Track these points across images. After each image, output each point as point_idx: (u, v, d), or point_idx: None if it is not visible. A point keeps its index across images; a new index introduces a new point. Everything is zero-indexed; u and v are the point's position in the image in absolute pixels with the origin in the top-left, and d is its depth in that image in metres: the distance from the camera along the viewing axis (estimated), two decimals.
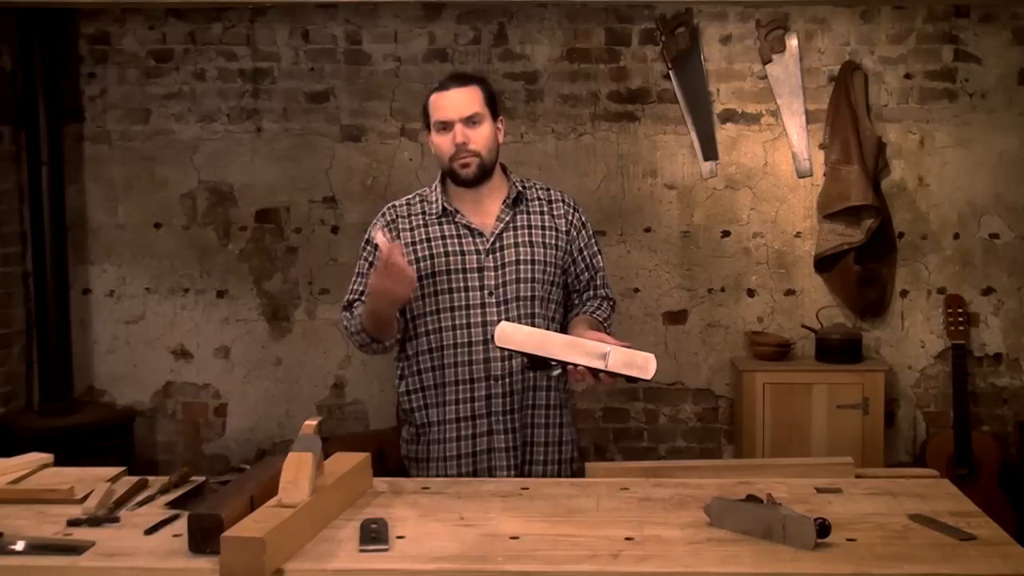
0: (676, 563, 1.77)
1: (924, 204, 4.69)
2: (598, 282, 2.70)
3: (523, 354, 2.30)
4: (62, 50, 4.75)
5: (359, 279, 2.63)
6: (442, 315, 2.53)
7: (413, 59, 4.75)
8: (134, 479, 2.27)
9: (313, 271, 4.84)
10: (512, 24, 4.73)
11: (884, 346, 4.72)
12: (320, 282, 4.84)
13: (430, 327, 2.55)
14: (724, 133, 4.71)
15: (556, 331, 2.54)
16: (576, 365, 2.24)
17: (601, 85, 4.72)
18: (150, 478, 2.30)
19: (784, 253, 4.74)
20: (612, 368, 2.22)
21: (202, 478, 2.29)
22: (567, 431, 2.65)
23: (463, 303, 2.52)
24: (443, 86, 2.56)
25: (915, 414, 4.75)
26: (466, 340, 2.52)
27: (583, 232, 2.68)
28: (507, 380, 2.52)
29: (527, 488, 2.24)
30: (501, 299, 2.52)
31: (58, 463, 2.42)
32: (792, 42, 4.65)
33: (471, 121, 2.52)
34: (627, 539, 1.88)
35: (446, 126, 2.53)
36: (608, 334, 2.49)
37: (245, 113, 4.80)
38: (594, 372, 2.25)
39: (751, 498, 2.02)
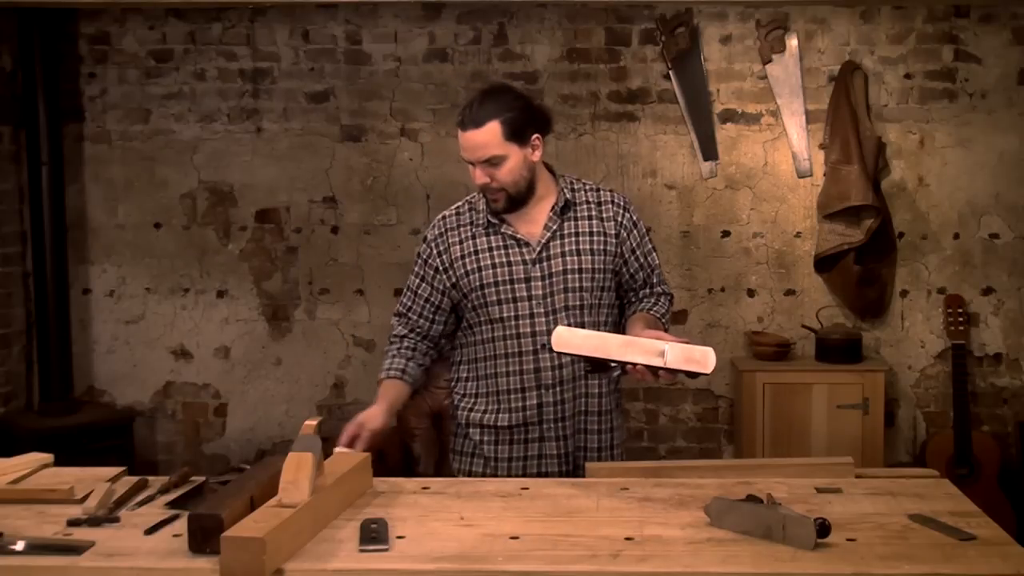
0: (676, 563, 1.77)
1: (924, 204, 4.69)
2: (654, 280, 2.67)
3: (582, 357, 2.29)
4: (62, 50, 4.75)
5: (408, 293, 2.64)
6: (493, 326, 2.54)
7: (413, 59, 4.75)
8: (134, 479, 2.27)
9: (313, 271, 4.84)
10: (512, 24, 4.73)
11: (884, 346, 4.72)
12: (320, 282, 4.84)
13: (483, 336, 2.56)
14: (724, 133, 4.71)
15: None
16: (635, 365, 2.23)
17: (601, 85, 4.72)
18: (150, 478, 2.30)
19: (784, 253, 4.74)
20: (671, 365, 2.20)
21: (202, 478, 2.29)
22: (618, 435, 2.66)
23: (512, 314, 2.52)
24: (462, 123, 2.46)
25: (915, 414, 4.75)
26: (516, 351, 2.53)
27: (634, 231, 2.63)
28: (558, 388, 2.53)
29: (527, 488, 2.24)
30: (549, 309, 2.51)
31: (58, 463, 2.42)
32: (792, 42, 4.65)
33: (490, 163, 2.45)
34: (627, 539, 1.88)
35: (469, 162, 2.49)
36: (664, 330, 2.51)
37: (245, 113, 4.81)
38: (653, 370, 2.24)
39: (751, 498, 2.02)
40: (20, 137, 4.72)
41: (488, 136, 2.43)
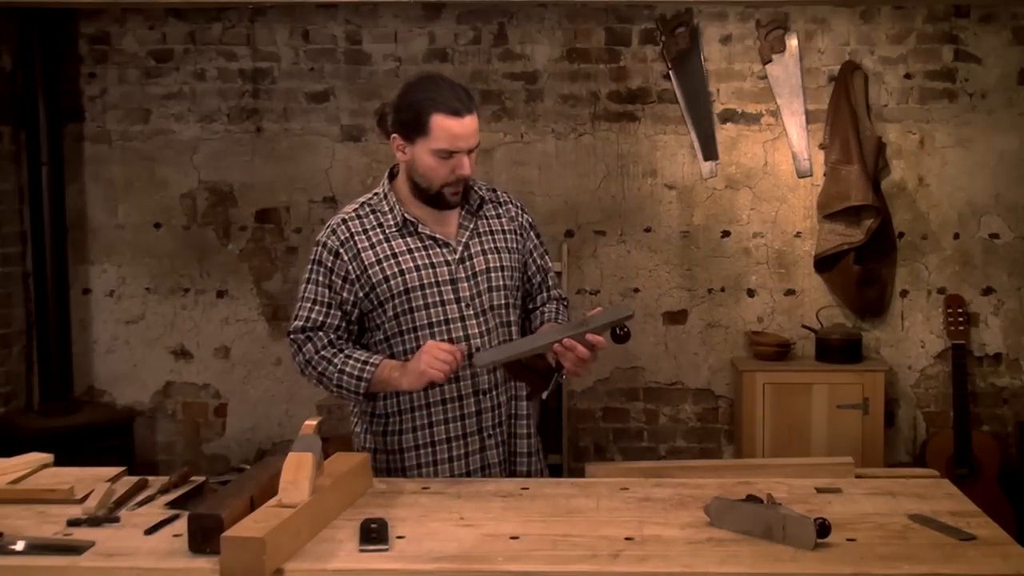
0: (676, 563, 1.77)
1: (924, 204, 4.69)
2: (549, 283, 2.60)
3: (508, 363, 2.28)
4: (62, 50, 4.75)
5: (317, 307, 2.39)
6: (419, 333, 2.36)
7: (413, 59, 4.75)
8: (134, 479, 2.27)
9: None
10: (512, 24, 4.73)
11: (884, 346, 4.72)
12: None
13: (409, 346, 2.37)
14: (724, 133, 4.71)
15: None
16: (560, 341, 2.20)
17: (601, 85, 4.72)
18: (150, 478, 2.30)
19: (784, 253, 4.74)
20: (595, 323, 2.18)
21: (202, 478, 2.29)
22: (538, 440, 2.57)
23: (441, 318, 2.37)
24: (456, 110, 2.28)
25: (915, 414, 4.75)
26: None
27: (532, 233, 2.56)
28: (494, 392, 2.42)
29: (527, 488, 2.24)
30: (479, 309, 2.39)
31: (58, 463, 2.42)
32: (792, 42, 4.65)
33: (472, 151, 2.34)
34: (627, 539, 1.88)
35: (451, 154, 2.31)
36: None
37: (245, 113, 4.80)
38: (585, 344, 2.21)
39: (751, 498, 2.02)
40: (20, 137, 4.72)
41: (476, 121, 2.33)
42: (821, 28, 4.65)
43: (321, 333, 2.39)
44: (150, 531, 1.94)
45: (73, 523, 1.99)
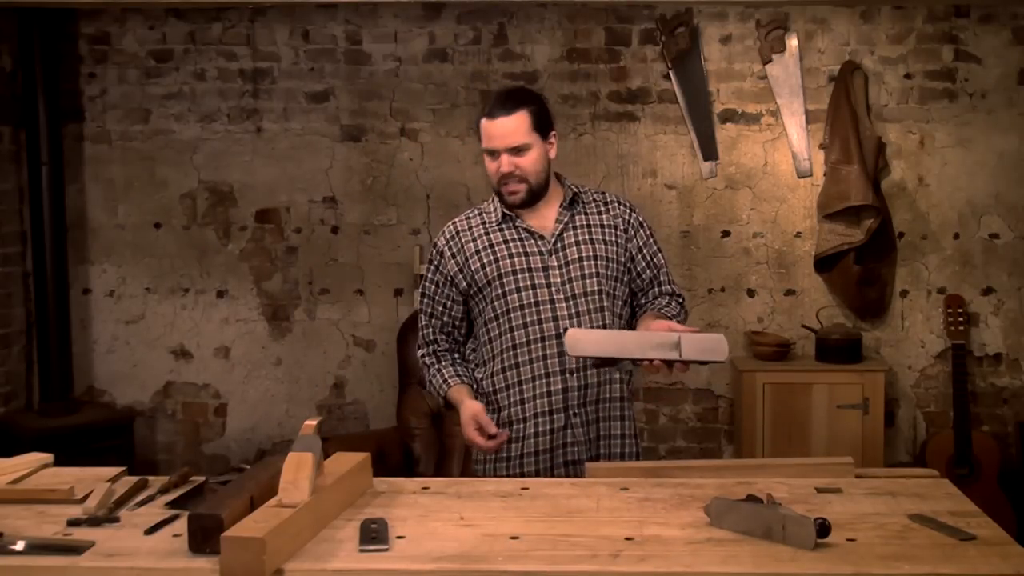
0: (676, 563, 1.77)
1: (924, 204, 4.69)
2: (662, 279, 2.72)
3: (599, 359, 2.31)
4: (62, 50, 4.75)
5: (422, 298, 2.69)
6: (512, 315, 2.58)
7: (413, 59, 4.75)
8: (134, 479, 2.27)
9: (313, 271, 4.84)
10: (512, 24, 4.73)
11: (884, 346, 4.72)
12: (320, 282, 4.84)
13: (503, 328, 2.60)
14: (724, 133, 4.71)
15: (623, 327, 2.61)
16: (651, 360, 2.26)
17: (601, 85, 4.72)
18: (150, 478, 2.30)
19: (784, 253, 4.74)
20: (686, 356, 2.24)
21: (202, 478, 2.29)
22: (634, 424, 2.70)
23: (532, 300, 2.57)
24: (490, 113, 2.55)
25: (915, 414, 4.75)
26: (539, 336, 2.56)
27: (641, 232, 2.70)
28: (582, 373, 2.56)
29: (527, 488, 2.24)
30: (569, 295, 2.57)
31: (58, 463, 2.41)
32: (792, 42, 4.65)
33: (517, 151, 2.55)
34: (627, 539, 1.88)
35: (492, 153, 2.56)
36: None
37: (245, 113, 4.81)
38: (668, 363, 2.27)
39: (751, 498, 2.02)
40: (20, 137, 4.72)
41: (517, 123, 2.53)
42: (821, 28, 4.65)
43: (432, 329, 2.70)
44: (150, 531, 1.94)
45: (73, 523, 1.99)
